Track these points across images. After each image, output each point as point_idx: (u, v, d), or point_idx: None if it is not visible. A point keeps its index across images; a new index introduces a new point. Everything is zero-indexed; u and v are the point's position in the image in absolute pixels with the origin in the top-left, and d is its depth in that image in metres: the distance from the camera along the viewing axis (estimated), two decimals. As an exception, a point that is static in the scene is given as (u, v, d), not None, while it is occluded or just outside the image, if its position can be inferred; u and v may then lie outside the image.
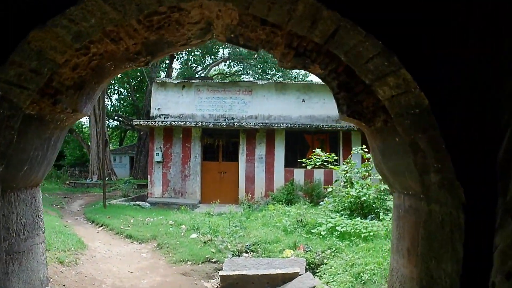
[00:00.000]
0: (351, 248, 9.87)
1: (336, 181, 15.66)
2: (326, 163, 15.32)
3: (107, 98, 43.01)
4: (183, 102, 21.19)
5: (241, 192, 20.90)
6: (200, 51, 36.98)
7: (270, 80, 27.07)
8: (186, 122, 20.35)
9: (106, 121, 44.37)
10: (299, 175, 21.04)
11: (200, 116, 21.09)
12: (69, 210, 19.89)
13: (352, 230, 11.06)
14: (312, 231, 11.76)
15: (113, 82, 41.45)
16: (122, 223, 14.35)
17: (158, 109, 21.11)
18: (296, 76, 38.65)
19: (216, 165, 21.52)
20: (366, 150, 13.85)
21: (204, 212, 16.40)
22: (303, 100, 21.68)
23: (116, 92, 44.77)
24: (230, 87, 21.83)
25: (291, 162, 21.24)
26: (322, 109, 21.55)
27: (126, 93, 43.71)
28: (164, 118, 20.94)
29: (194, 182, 20.95)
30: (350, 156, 14.96)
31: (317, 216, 13.02)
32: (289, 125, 20.62)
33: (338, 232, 11.17)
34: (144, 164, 35.20)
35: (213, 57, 38.80)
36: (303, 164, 15.61)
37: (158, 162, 20.76)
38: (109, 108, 42.18)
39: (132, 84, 40.93)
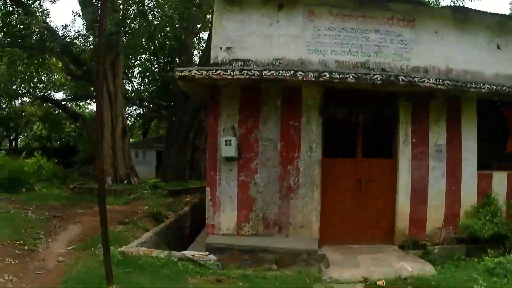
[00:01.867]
0: None
1: None
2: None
3: (127, 82, 31.69)
4: (281, 35, 9.55)
5: (401, 221, 9.85)
6: None
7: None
8: (290, 73, 8.84)
9: (126, 108, 33.27)
10: (500, 184, 10.37)
11: (319, 63, 9.48)
12: (35, 267, 8.41)
13: None
14: None
15: (135, 62, 30.09)
16: None
17: (228, 48, 9.53)
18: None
19: (352, 165, 9.93)
20: None
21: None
22: (498, 47, 10.57)
23: (139, 75, 33.30)
24: (374, 10, 10.00)
25: (485, 158, 10.58)
26: (529, 62, 10.80)
27: (152, 75, 32.24)
28: (241, 65, 9.42)
29: (307, 201, 9.37)
30: None
31: None
32: (486, 88, 9.53)
33: None
34: (177, 161, 23.82)
35: None
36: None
37: (230, 159, 9.22)
38: (129, 93, 30.92)
39: (161, 61, 29.36)
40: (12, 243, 9.47)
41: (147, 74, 31.33)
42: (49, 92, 33.78)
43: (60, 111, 34.76)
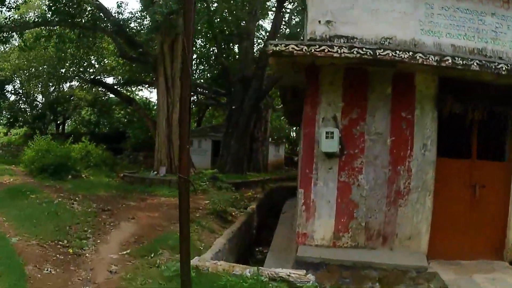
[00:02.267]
0: None
1: None
2: None
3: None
4: (389, 10, 7.92)
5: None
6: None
7: None
8: (409, 54, 7.15)
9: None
10: None
11: (433, 45, 7.84)
12: (81, 280, 6.82)
13: None
14: None
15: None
16: None
17: (328, 22, 7.90)
18: None
19: (465, 167, 8.29)
20: None
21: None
22: None
23: (194, 61, 31.95)
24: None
25: None
26: None
27: (207, 61, 30.68)
28: (344, 42, 7.75)
29: (418, 209, 7.74)
30: None
31: None
32: None
33: None
34: (236, 151, 22.51)
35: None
36: None
37: (330, 154, 7.63)
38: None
39: (222, 47, 27.84)
40: (54, 243, 8.18)
41: (203, 60, 30.04)
42: (99, 76, 32.92)
43: (110, 96, 33.94)
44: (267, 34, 29.09)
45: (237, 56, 26.54)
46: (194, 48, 29.55)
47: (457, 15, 8.06)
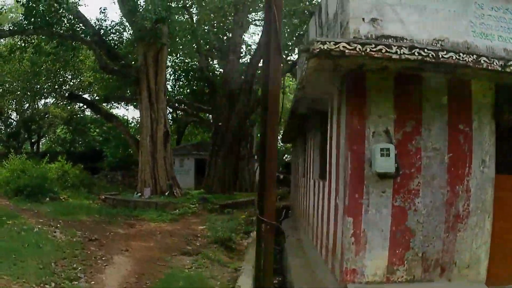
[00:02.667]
0: None
1: None
2: None
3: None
4: (439, 10, 6.73)
5: None
6: None
7: None
8: (473, 57, 5.97)
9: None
10: None
11: (486, 49, 6.71)
12: None
13: None
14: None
15: (169, 63, 27.30)
16: None
17: (374, 20, 6.59)
18: None
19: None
20: None
21: None
22: None
23: (172, 75, 30.49)
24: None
25: None
26: None
27: (186, 76, 29.03)
28: (393, 41, 6.40)
29: (477, 233, 6.57)
30: None
31: None
32: None
33: None
34: (222, 171, 21.18)
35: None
36: None
37: (384, 175, 6.32)
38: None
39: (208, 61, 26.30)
40: (40, 288, 6.57)
41: (183, 74, 28.53)
42: (76, 93, 31.16)
43: (85, 113, 32.35)
44: (249, 48, 27.94)
45: (221, 70, 25.19)
46: (173, 64, 28.12)
47: (507, 17, 7.06)
